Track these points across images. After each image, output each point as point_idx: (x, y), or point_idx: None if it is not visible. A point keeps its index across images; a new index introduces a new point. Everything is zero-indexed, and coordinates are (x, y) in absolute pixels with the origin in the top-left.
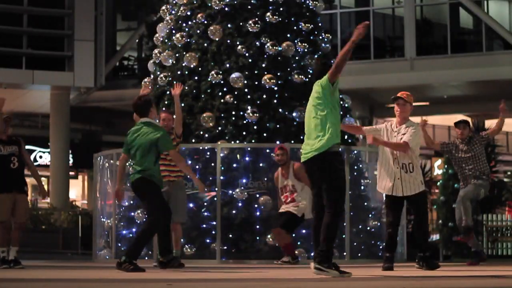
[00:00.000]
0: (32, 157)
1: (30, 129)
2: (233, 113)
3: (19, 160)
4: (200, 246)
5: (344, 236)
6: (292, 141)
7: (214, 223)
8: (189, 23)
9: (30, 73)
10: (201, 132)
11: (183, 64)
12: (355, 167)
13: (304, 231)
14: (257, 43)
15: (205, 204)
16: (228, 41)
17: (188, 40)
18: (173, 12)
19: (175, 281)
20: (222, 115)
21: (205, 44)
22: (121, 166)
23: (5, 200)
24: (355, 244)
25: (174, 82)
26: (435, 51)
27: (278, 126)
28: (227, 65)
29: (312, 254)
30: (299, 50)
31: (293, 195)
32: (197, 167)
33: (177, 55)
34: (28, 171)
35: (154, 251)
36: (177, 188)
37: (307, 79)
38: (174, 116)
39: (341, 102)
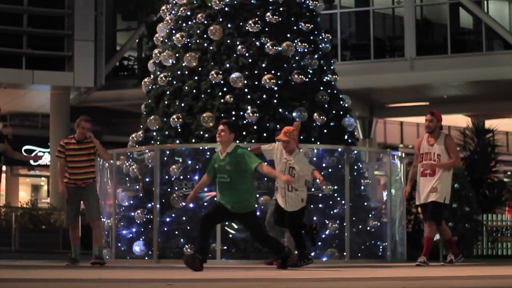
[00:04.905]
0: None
1: (30, 129)
2: (233, 113)
3: (4, 158)
4: None
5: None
6: None
7: None
8: (189, 23)
9: (30, 73)
10: (201, 132)
11: (183, 64)
12: (355, 167)
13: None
14: (257, 43)
15: (205, 204)
16: (228, 41)
17: (188, 40)
18: (173, 12)
19: (175, 281)
20: (222, 115)
21: (205, 44)
22: None
23: None
24: (355, 244)
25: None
26: (435, 51)
27: (278, 126)
28: (227, 65)
29: (313, 254)
30: (299, 50)
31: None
32: (197, 167)
33: (177, 55)
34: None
35: (154, 251)
36: (88, 192)
37: (307, 79)
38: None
39: (341, 102)
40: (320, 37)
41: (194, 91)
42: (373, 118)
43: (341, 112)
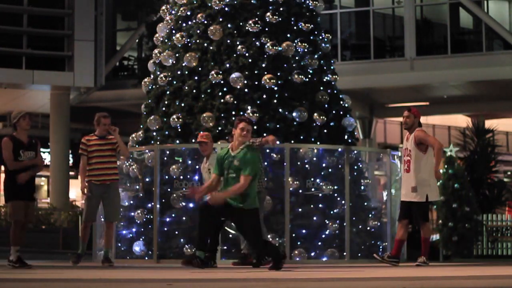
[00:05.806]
0: None
1: (30, 129)
2: (233, 113)
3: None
4: None
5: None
6: (292, 141)
7: None
8: (189, 23)
9: (30, 73)
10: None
11: (183, 64)
12: (355, 167)
13: (304, 231)
14: (257, 43)
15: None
16: (228, 41)
17: (188, 40)
18: (173, 12)
19: (175, 281)
20: (222, 115)
21: (205, 44)
22: None
23: (20, 204)
24: (355, 244)
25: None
26: (435, 51)
27: (278, 126)
28: (227, 65)
29: (313, 254)
30: (299, 50)
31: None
32: (197, 167)
33: (177, 55)
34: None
35: (154, 251)
36: (112, 190)
37: (307, 79)
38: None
39: (341, 102)
40: (320, 37)
41: (194, 91)
42: (373, 118)
43: (341, 112)
